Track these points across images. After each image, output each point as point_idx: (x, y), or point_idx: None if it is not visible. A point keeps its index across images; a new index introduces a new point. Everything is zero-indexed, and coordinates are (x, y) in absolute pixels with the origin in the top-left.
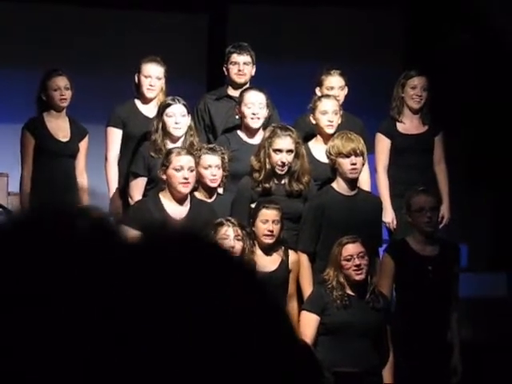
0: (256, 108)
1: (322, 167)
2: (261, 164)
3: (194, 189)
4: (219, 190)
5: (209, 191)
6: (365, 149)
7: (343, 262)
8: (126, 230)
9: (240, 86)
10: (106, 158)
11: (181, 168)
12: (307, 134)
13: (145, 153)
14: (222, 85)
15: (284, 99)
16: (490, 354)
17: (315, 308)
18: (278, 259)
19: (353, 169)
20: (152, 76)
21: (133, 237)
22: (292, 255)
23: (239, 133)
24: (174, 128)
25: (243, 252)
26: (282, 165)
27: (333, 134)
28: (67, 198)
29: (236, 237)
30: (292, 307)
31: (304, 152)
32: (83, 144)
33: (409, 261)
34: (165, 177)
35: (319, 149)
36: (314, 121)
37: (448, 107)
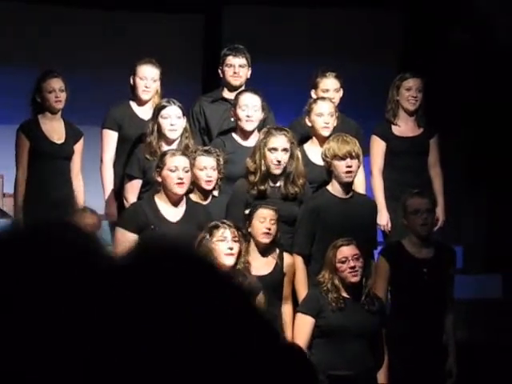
0: (251, 110)
1: (318, 170)
2: (256, 166)
3: (190, 191)
4: (214, 193)
5: (204, 193)
6: (360, 151)
7: (338, 265)
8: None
9: (235, 89)
10: (102, 160)
11: (175, 169)
12: (302, 137)
13: (140, 155)
14: (218, 87)
15: (280, 101)
16: (486, 356)
17: (310, 310)
18: (273, 262)
19: (348, 171)
20: (147, 78)
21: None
22: (287, 258)
23: (234, 135)
24: (170, 130)
25: (240, 254)
26: (278, 163)
27: (328, 137)
28: (58, 213)
29: (233, 238)
30: (287, 310)
31: (299, 154)
32: (78, 146)
33: (404, 263)
34: (160, 179)
35: (315, 151)
36: (310, 123)
37: (445, 108)
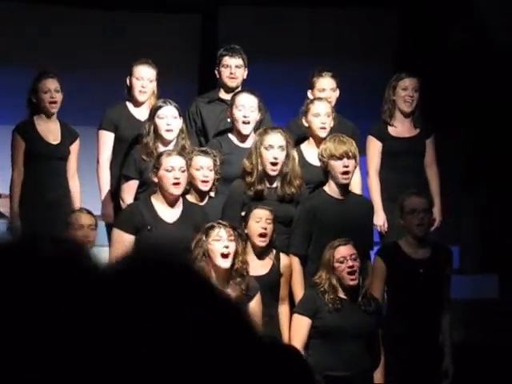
0: (247, 111)
1: (315, 170)
2: (252, 166)
3: (186, 192)
4: (211, 194)
5: (200, 194)
6: (357, 152)
7: (336, 264)
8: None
9: (232, 90)
10: (98, 161)
11: (172, 169)
12: (299, 138)
13: (136, 156)
14: (214, 87)
15: (277, 102)
16: (482, 356)
17: (307, 311)
18: (270, 263)
19: (345, 172)
20: (144, 78)
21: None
22: (284, 259)
23: (231, 136)
24: (166, 130)
25: (237, 253)
26: (275, 161)
27: (325, 137)
28: (54, 213)
29: (229, 237)
30: (284, 310)
31: (295, 154)
32: (74, 147)
33: (400, 264)
34: (156, 179)
35: (311, 152)
36: (307, 123)
37: (444, 108)
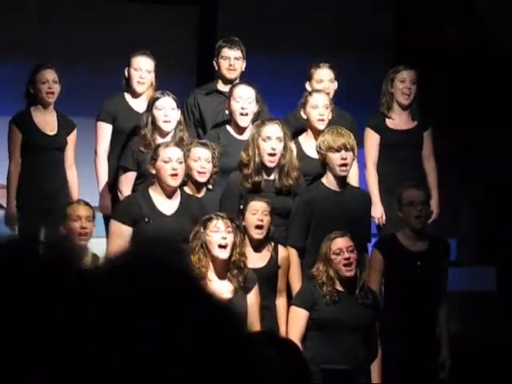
0: (245, 102)
1: (313, 163)
2: (249, 158)
3: (184, 183)
4: (209, 186)
5: (197, 185)
6: (355, 144)
7: (333, 256)
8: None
9: (230, 82)
10: (96, 153)
11: (169, 160)
12: (298, 130)
13: (134, 147)
14: (213, 79)
15: (275, 94)
16: (479, 348)
17: (304, 303)
18: (268, 255)
19: (343, 164)
20: (142, 69)
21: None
22: (281, 251)
23: (228, 128)
24: (164, 121)
25: (234, 245)
26: (273, 152)
27: (324, 129)
28: (51, 204)
29: (227, 229)
30: (281, 303)
31: (292, 147)
32: (71, 138)
33: (398, 256)
34: (154, 171)
35: (310, 144)
36: (305, 116)
37: (439, 102)
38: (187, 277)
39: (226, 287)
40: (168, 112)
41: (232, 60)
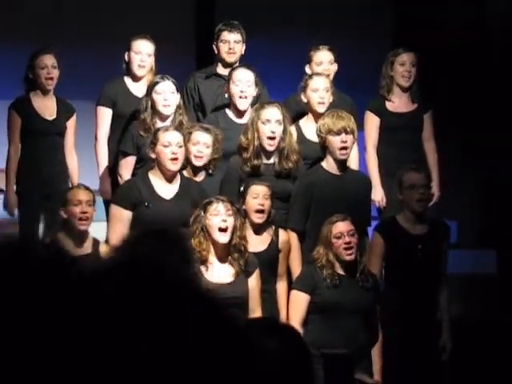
0: (244, 86)
1: (314, 146)
2: (249, 141)
3: (183, 167)
4: (209, 171)
5: (194, 169)
6: (355, 127)
7: (333, 240)
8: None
9: (230, 65)
10: (96, 137)
11: (169, 144)
12: (298, 113)
13: (134, 131)
14: (212, 63)
15: (274, 77)
16: (480, 331)
17: (305, 287)
18: (268, 239)
19: (343, 147)
20: (142, 52)
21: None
22: (282, 235)
23: (228, 112)
24: (163, 105)
25: (235, 229)
26: (272, 136)
27: (324, 112)
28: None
29: (227, 212)
30: (282, 286)
31: (292, 130)
32: (71, 122)
33: (398, 239)
34: (154, 155)
35: (310, 127)
36: (306, 99)
37: (439, 102)
38: (185, 276)
39: (227, 271)
40: (167, 96)
41: (232, 43)
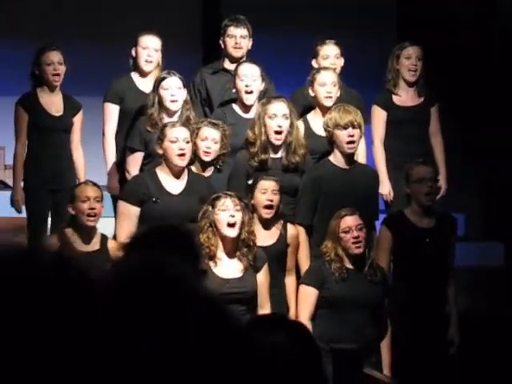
0: (249, 80)
1: (321, 140)
2: (256, 136)
3: (191, 162)
4: (218, 166)
5: (202, 164)
6: (362, 121)
7: (341, 235)
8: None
9: (237, 60)
10: (104, 134)
11: (176, 140)
12: (305, 108)
13: (141, 127)
14: (219, 58)
15: (281, 73)
16: (487, 324)
17: (313, 282)
18: (277, 233)
19: (350, 141)
20: (149, 47)
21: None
22: (290, 229)
23: (235, 107)
24: (171, 101)
25: (243, 224)
26: (279, 130)
27: (331, 107)
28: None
29: (235, 207)
30: (290, 281)
31: (298, 124)
32: (77, 119)
33: (406, 233)
34: (161, 151)
35: (318, 122)
36: (313, 93)
37: (444, 78)
38: (186, 277)
39: (236, 266)
40: (174, 91)
41: (238, 38)
